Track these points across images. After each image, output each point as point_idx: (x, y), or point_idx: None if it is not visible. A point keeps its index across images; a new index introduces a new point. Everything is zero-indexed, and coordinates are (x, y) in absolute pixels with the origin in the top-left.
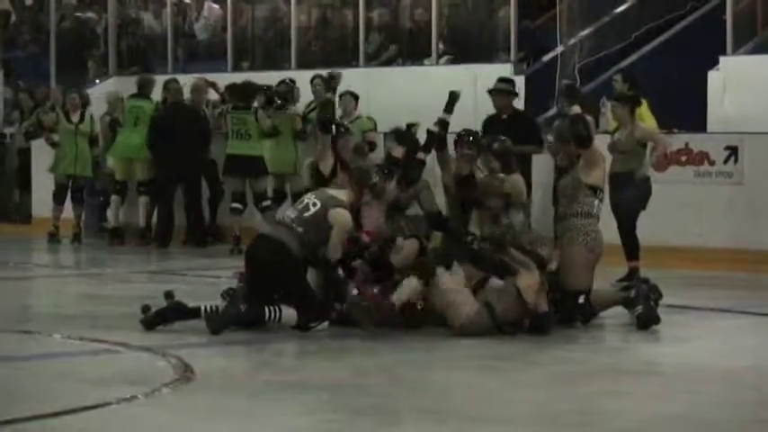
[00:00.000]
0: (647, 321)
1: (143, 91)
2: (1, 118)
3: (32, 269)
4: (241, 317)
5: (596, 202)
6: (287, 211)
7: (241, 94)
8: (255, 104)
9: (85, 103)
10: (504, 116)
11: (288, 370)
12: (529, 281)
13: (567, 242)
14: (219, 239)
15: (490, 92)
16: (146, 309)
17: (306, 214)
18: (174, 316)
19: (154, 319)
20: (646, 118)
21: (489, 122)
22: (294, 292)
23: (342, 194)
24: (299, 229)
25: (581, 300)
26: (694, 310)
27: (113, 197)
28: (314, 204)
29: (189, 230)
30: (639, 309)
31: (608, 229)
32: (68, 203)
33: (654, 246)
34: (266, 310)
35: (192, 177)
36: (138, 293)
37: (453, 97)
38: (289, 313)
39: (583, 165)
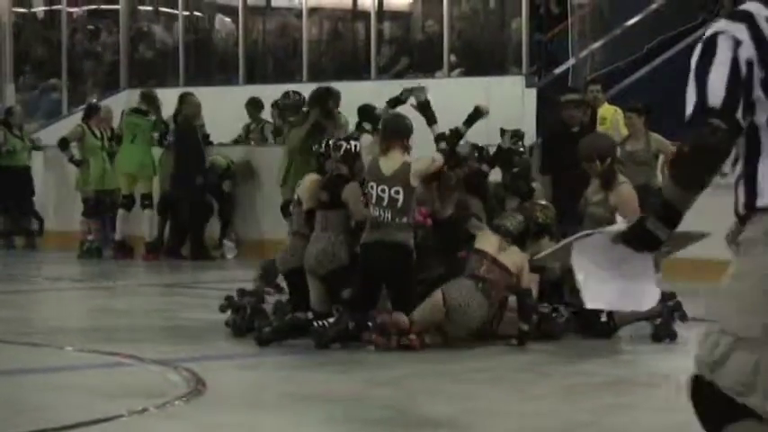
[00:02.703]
0: (662, 334)
1: (144, 107)
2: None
3: (44, 282)
4: (348, 332)
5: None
6: (376, 214)
7: None
8: None
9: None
10: (575, 129)
11: (300, 383)
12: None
13: None
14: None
15: (561, 104)
16: (223, 308)
17: (398, 205)
18: (290, 333)
19: (269, 337)
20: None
21: (557, 137)
22: (404, 291)
23: (396, 161)
24: (404, 220)
25: (603, 317)
26: (708, 323)
27: (120, 211)
28: (396, 192)
29: (193, 245)
30: (658, 321)
31: None
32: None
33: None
34: (315, 324)
35: (199, 192)
36: (150, 306)
37: (477, 114)
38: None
39: (617, 201)
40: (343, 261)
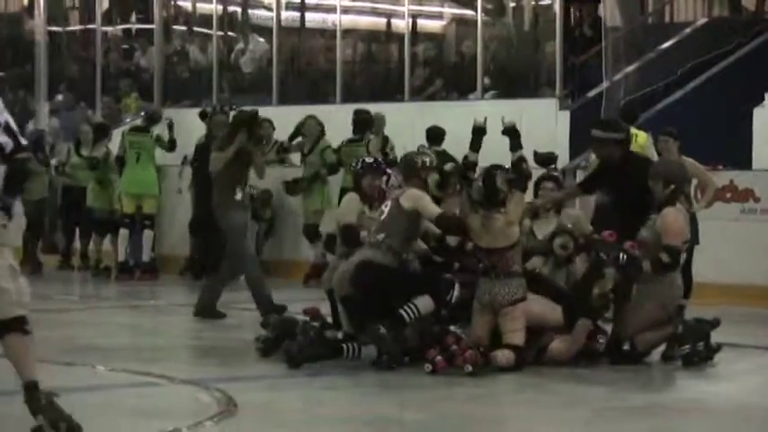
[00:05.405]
0: (693, 358)
1: (144, 124)
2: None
3: (74, 301)
4: (380, 354)
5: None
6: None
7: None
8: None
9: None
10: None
11: (331, 404)
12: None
13: (644, 296)
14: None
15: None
16: (266, 323)
17: (382, 217)
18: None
19: (300, 357)
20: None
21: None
22: (407, 291)
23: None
24: (380, 236)
25: (625, 346)
26: (740, 348)
27: (121, 231)
28: (385, 206)
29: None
30: (687, 348)
31: None
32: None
33: (698, 282)
34: (344, 347)
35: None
36: (181, 326)
37: (476, 131)
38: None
39: (661, 225)
40: None
